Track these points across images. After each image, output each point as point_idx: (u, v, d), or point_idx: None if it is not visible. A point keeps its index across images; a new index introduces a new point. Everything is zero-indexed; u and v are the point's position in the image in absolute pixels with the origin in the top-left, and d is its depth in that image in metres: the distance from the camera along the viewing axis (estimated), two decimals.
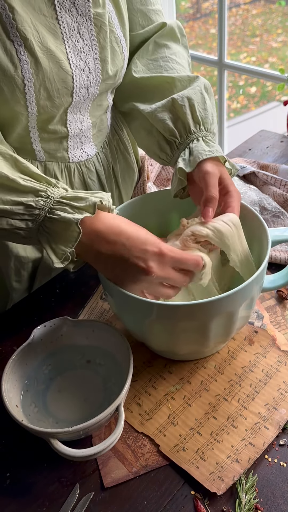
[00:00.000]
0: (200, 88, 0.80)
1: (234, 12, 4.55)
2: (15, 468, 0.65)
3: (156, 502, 0.60)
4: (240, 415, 0.67)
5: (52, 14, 0.68)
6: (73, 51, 0.71)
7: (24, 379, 0.70)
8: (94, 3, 0.72)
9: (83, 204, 0.62)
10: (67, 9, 0.70)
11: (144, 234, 0.64)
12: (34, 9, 0.66)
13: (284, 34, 4.38)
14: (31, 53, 0.66)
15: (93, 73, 0.75)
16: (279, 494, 0.60)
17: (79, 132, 0.81)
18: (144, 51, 0.87)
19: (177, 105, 0.78)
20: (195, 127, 0.78)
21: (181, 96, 0.79)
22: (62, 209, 0.62)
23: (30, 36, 0.65)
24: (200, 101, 0.79)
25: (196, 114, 0.78)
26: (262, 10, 4.64)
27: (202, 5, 4.79)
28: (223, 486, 0.60)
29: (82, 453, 0.59)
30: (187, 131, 0.78)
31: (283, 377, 0.71)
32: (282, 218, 0.97)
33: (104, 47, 0.75)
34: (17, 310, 0.88)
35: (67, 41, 0.71)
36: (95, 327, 0.73)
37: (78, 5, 0.71)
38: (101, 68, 0.76)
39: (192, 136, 0.77)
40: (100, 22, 0.74)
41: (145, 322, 0.66)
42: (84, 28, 0.72)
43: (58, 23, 0.69)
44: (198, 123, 0.78)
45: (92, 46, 0.74)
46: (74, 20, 0.71)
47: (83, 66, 0.73)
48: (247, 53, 4.38)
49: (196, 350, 0.70)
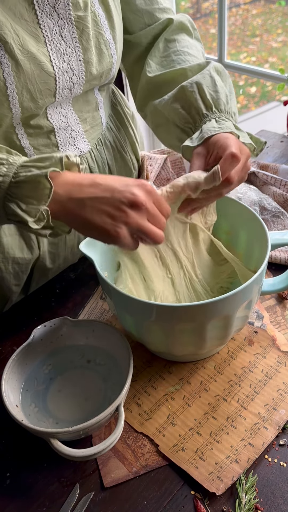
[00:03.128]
0: (209, 71, 0.80)
1: (234, 12, 4.55)
2: (15, 468, 0.65)
3: (156, 502, 0.60)
4: (240, 416, 0.68)
5: (33, 18, 0.69)
6: (55, 54, 0.72)
7: (24, 379, 0.70)
8: (75, 7, 0.73)
9: (48, 162, 0.60)
10: (48, 13, 0.71)
11: (122, 177, 0.63)
12: (15, 15, 0.67)
13: (284, 34, 4.38)
14: (12, 56, 0.67)
15: (76, 74, 0.76)
16: (279, 494, 0.60)
17: (66, 126, 0.81)
18: (156, 50, 0.87)
19: (187, 92, 0.78)
20: (207, 111, 0.77)
21: (190, 83, 0.78)
22: (28, 171, 0.59)
23: (10, 40, 0.66)
24: (209, 84, 0.78)
25: (206, 98, 0.77)
26: (262, 10, 4.64)
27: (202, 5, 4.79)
28: (222, 486, 0.60)
29: (82, 453, 0.59)
30: (200, 116, 0.77)
31: (282, 377, 0.72)
32: (282, 218, 0.97)
33: (87, 49, 0.76)
34: (17, 310, 0.88)
35: (49, 44, 0.72)
36: (95, 327, 0.74)
37: (59, 9, 0.72)
38: (84, 69, 0.77)
39: (206, 119, 0.76)
40: (82, 24, 0.75)
41: (143, 323, 0.66)
42: (66, 31, 0.73)
43: (40, 27, 0.70)
44: (210, 106, 0.77)
45: (75, 48, 0.75)
46: (56, 24, 0.72)
47: (66, 68, 0.74)
48: (247, 53, 4.38)
49: (193, 352, 0.70)
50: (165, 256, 0.74)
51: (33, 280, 0.90)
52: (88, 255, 0.70)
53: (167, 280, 0.75)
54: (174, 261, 0.75)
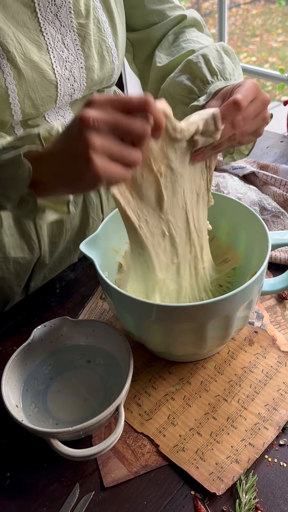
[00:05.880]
0: (216, 46, 0.79)
1: (234, 12, 4.55)
2: (15, 468, 0.65)
3: (156, 502, 0.60)
4: (240, 416, 0.68)
5: (36, 26, 0.70)
6: (58, 61, 0.73)
7: (24, 379, 0.70)
8: (77, 14, 0.73)
9: (27, 141, 0.55)
10: (50, 21, 0.71)
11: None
12: (18, 23, 0.67)
13: (284, 34, 4.38)
14: (14, 65, 0.67)
15: (78, 81, 0.76)
16: (279, 494, 0.60)
17: None
18: (165, 43, 0.87)
19: (192, 64, 0.77)
20: (212, 78, 0.75)
21: (195, 55, 0.78)
22: (6, 153, 0.55)
23: (12, 49, 0.66)
24: (216, 57, 0.77)
25: (212, 67, 0.75)
26: (262, 10, 4.64)
27: (202, 5, 4.79)
28: (222, 487, 0.60)
29: (82, 453, 0.59)
30: (204, 83, 0.75)
31: (283, 377, 0.72)
32: (282, 218, 0.97)
33: (89, 56, 0.76)
34: (17, 310, 0.88)
35: (52, 51, 0.72)
36: (95, 327, 0.73)
37: (61, 17, 0.72)
38: (86, 76, 0.77)
39: (210, 86, 0.74)
40: (84, 32, 0.75)
41: (143, 323, 0.66)
42: (68, 38, 0.73)
43: (42, 34, 0.71)
44: (215, 74, 0.75)
45: (77, 56, 0.75)
46: (58, 32, 0.72)
47: (68, 75, 0.74)
48: (247, 53, 4.38)
49: (193, 352, 0.70)
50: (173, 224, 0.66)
51: (33, 279, 0.90)
52: (89, 255, 0.69)
53: (171, 267, 0.69)
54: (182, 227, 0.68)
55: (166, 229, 0.66)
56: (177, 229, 0.67)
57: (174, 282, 0.70)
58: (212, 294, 0.75)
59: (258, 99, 0.63)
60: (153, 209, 0.63)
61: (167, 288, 0.69)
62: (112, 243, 0.77)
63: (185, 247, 0.69)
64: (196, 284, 0.73)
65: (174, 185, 0.64)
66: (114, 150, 0.50)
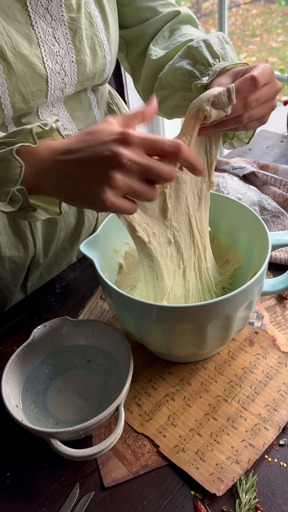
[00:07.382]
0: (217, 34, 0.78)
1: (234, 12, 4.55)
2: (15, 468, 0.65)
3: (156, 502, 0.60)
4: (240, 416, 0.67)
5: (26, 20, 0.70)
6: (49, 55, 0.73)
7: (24, 379, 0.70)
8: (68, 8, 0.73)
9: (19, 137, 0.54)
10: (41, 15, 0.71)
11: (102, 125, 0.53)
12: (8, 16, 0.67)
13: (284, 34, 4.38)
14: (4, 59, 0.67)
15: (68, 75, 0.76)
16: (279, 494, 0.60)
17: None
18: (160, 38, 0.87)
19: (193, 50, 0.76)
20: (214, 61, 0.74)
21: (196, 41, 0.77)
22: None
23: (1, 43, 0.66)
24: (217, 42, 0.76)
25: (213, 50, 0.74)
26: (262, 10, 4.63)
27: (202, 5, 4.78)
28: (222, 487, 0.60)
29: (82, 453, 0.59)
30: (206, 66, 0.74)
31: (283, 378, 0.72)
32: (282, 218, 0.97)
33: (80, 50, 0.76)
34: (17, 310, 0.88)
35: (43, 45, 0.72)
36: (95, 327, 0.73)
37: (52, 11, 0.72)
38: (77, 70, 0.77)
39: (213, 67, 0.73)
40: (75, 26, 0.75)
41: (143, 324, 0.66)
42: (59, 32, 0.73)
43: (33, 28, 0.70)
44: (217, 57, 0.74)
45: (68, 50, 0.75)
46: (49, 25, 0.72)
47: (59, 69, 0.74)
48: (247, 53, 4.37)
49: (193, 353, 0.70)
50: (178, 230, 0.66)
51: (29, 279, 0.90)
52: (88, 255, 0.69)
53: (178, 272, 0.70)
54: (186, 231, 0.68)
55: (171, 236, 0.66)
56: (182, 235, 0.68)
57: (182, 286, 0.71)
58: (216, 296, 0.75)
59: (271, 84, 0.62)
60: (157, 219, 0.64)
61: (174, 294, 0.70)
62: (112, 244, 0.77)
63: (189, 250, 0.70)
64: (201, 285, 0.74)
65: (177, 193, 0.65)
66: (135, 188, 0.51)
